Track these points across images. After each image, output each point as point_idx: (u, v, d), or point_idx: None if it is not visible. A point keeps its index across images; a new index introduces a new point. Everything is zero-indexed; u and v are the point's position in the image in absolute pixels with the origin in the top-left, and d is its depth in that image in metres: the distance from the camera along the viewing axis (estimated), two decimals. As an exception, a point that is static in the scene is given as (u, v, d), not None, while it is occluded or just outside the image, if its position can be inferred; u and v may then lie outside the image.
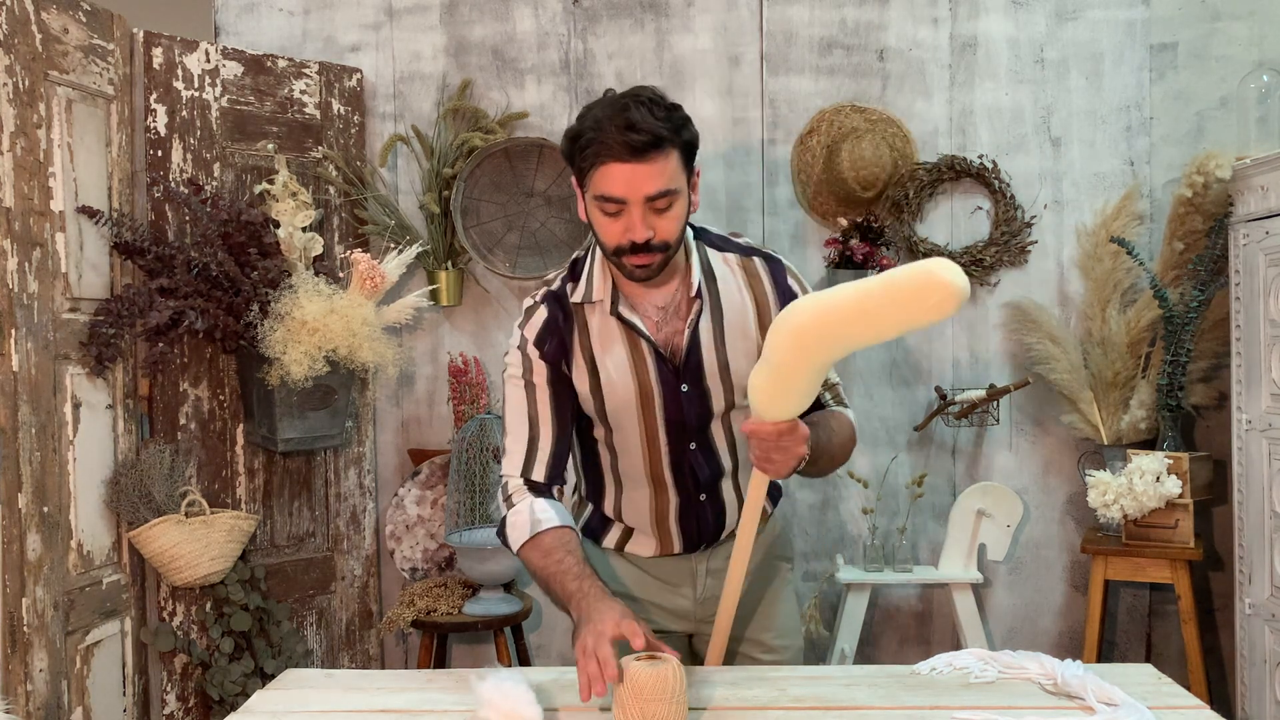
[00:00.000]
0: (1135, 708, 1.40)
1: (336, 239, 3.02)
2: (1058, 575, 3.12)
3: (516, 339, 1.72)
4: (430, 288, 2.98)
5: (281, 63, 2.92)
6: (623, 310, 1.67)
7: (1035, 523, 3.11)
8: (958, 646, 2.81)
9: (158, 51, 2.67)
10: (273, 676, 2.29)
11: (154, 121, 2.67)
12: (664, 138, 1.52)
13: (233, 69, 2.81)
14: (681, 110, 1.59)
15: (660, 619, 1.85)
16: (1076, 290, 3.07)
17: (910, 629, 3.18)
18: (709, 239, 1.76)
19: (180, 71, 2.71)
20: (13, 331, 2.22)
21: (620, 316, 1.67)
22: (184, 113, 2.72)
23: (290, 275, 2.63)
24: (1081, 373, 2.95)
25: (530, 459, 1.72)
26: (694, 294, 1.68)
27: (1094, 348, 2.96)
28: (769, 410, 1.49)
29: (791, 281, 1.74)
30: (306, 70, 2.97)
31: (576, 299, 1.70)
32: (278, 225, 2.67)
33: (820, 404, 1.75)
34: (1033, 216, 3.09)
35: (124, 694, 2.57)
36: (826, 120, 3.08)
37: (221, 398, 2.77)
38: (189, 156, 2.73)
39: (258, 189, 2.77)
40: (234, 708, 1.89)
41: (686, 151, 1.59)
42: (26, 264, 2.26)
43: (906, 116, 3.10)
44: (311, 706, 1.51)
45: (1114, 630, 3.12)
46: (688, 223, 1.66)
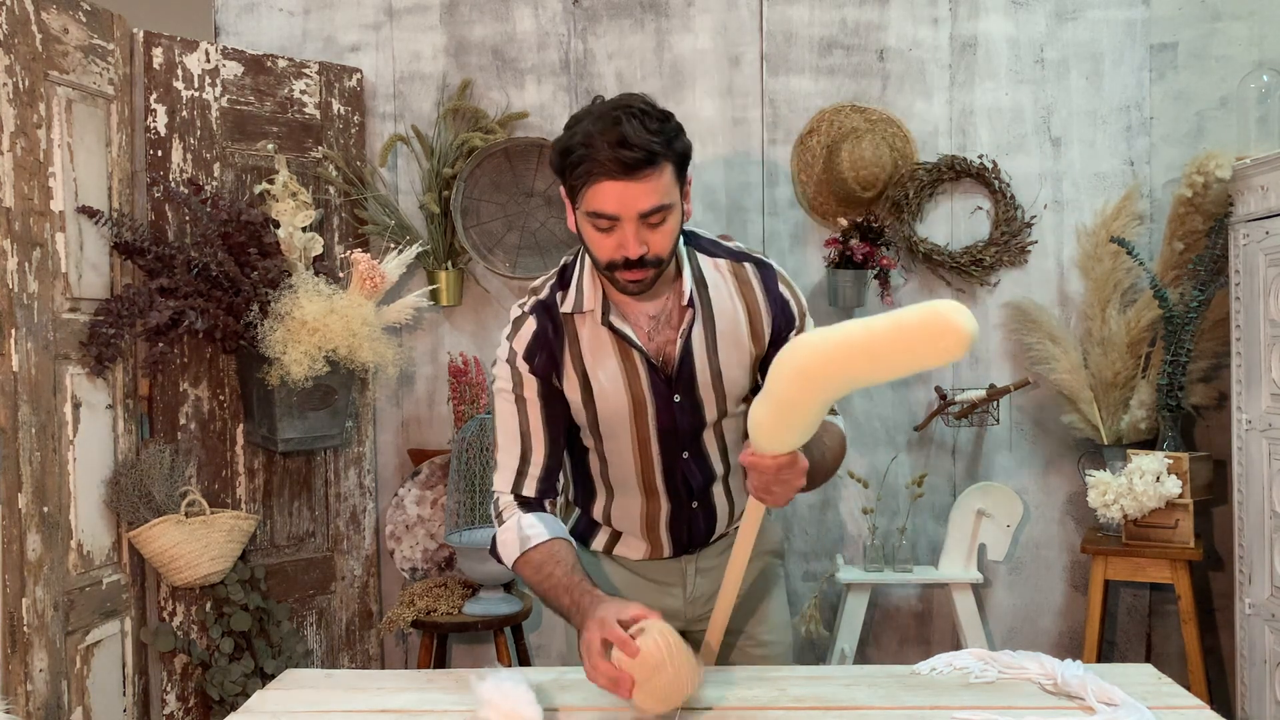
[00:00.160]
0: (1135, 708, 1.40)
1: (336, 239, 3.02)
2: (1058, 575, 3.12)
3: (505, 352, 1.69)
4: (430, 288, 2.98)
5: (281, 63, 2.92)
6: (614, 320, 1.65)
7: (1035, 523, 3.11)
8: (958, 646, 2.81)
9: (158, 51, 2.67)
10: (273, 676, 2.29)
11: (154, 121, 2.67)
12: (657, 153, 1.49)
13: (233, 69, 2.81)
14: (674, 120, 1.55)
15: None
16: (1076, 290, 3.07)
17: (910, 629, 3.18)
18: (700, 244, 1.73)
19: (180, 71, 2.71)
20: (13, 331, 2.22)
21: (612, 326, 1.65)
22: (184, 113, 2.72)
23: (290, 275, 2.63)
24: (1081, 373, 2.95)
25: (521, 475, 1.70)
26: (686, 303, 1.65)
27: (1094, 348, 2.96)
28: (769, 444, 1.46)
29: (783, 288, 1.71)
30: (306, 70, 2.97)
31: (566, 309, 1.67)
32: (278, 225, 2.67)
33: None
34: (1033, 216, 3.09)
35: (124, 694, 2.57)
36: (826, 120, 3.08)
37: (221, 398, 2.77)
38: (189, 156, 2.73)
39: (258, 189, 2.77)
40: (234, 708, 1.89)
41: (680, 163, 1.55)
42: (26, 264, 2.27)
43: (906, 116, 3.10)
44: (311, 706, 1.51)
45: (1114, 630, 3.12)
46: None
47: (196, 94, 2.74)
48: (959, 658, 1.63)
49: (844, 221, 2.98)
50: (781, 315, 1.70)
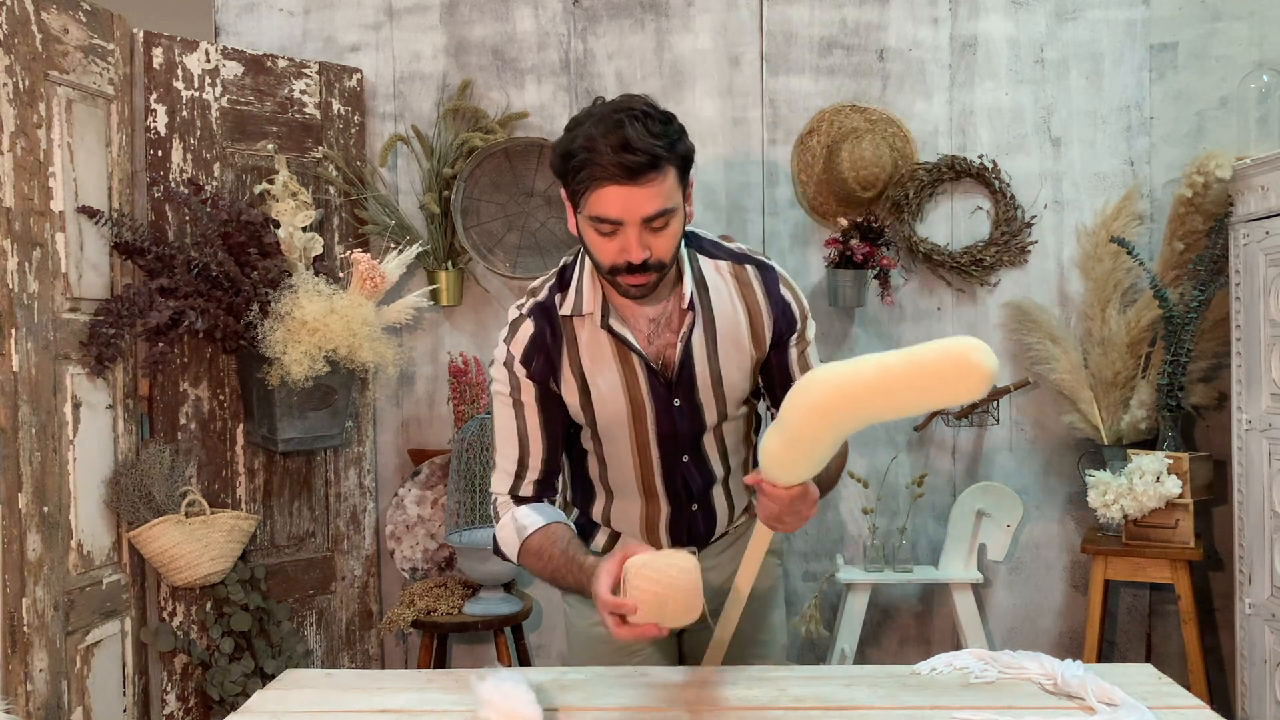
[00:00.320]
0: (1135, 708, 1.40)
1: (336, 239, 3.02)
2: (1058, 575, 3.12)
3: (502, 355, 1.68)
4: (430, 288, 2.98)
5: (281, 63, 2.92)
6: (613, 323, 1.63)
7: (1035, 523, 3.11)
8: (958, 646, 2.80)
9: (158, 51, 2.67)
10: (273, 676, 2.29)
11: (154, 121, 2.67)
12: (661, 156, 1.47)
13: (233, 69, 2.81)
14: (676, 122, 1.53)
15: None
16: (1076, 290, 3.07)
17: (910, 629, 3.18)
18: (701, 246, 1.71)
19: (180, 71, 2.71)
20: (13, 331, 2.22)
21: (611, 329, 1.64)
22: (184, 113, 2.72)
23: (290, 275, 2.63)
24: (1081, 373, 2.95)
25: (519, 479, 1.71)
26: (686, 305, 1.64)
27: (1094, 348, 2.96)
28: (781, 475, 1.44)
29: (784, 290, 1.70)
30: (306, 70, 2.97)
31: (565, 311, 1.65)
32: (278, 225, 2.67)
33: None
34: (1033, 216, 3.09)
35: (124, 694, 2.57)
36: (826, 120, 3.08)
37: (221, 398, 2.77)
38: (189, 156, 2.73)
39: (258, 189, 2.77)
40: (234, 708, 1.88)
41: (683, 166, 1.53)
42: (26, 264, 2.26)
43: (906, 116, 3.10)
44: (311, 706, 1.51)
45: (1114, 630, 3.12)
46: None
47: (196, 94, 2.74)
48: (959, 658, 1.63)
49: (844, 221, 2.98)
50: (783, 318, 1.69)
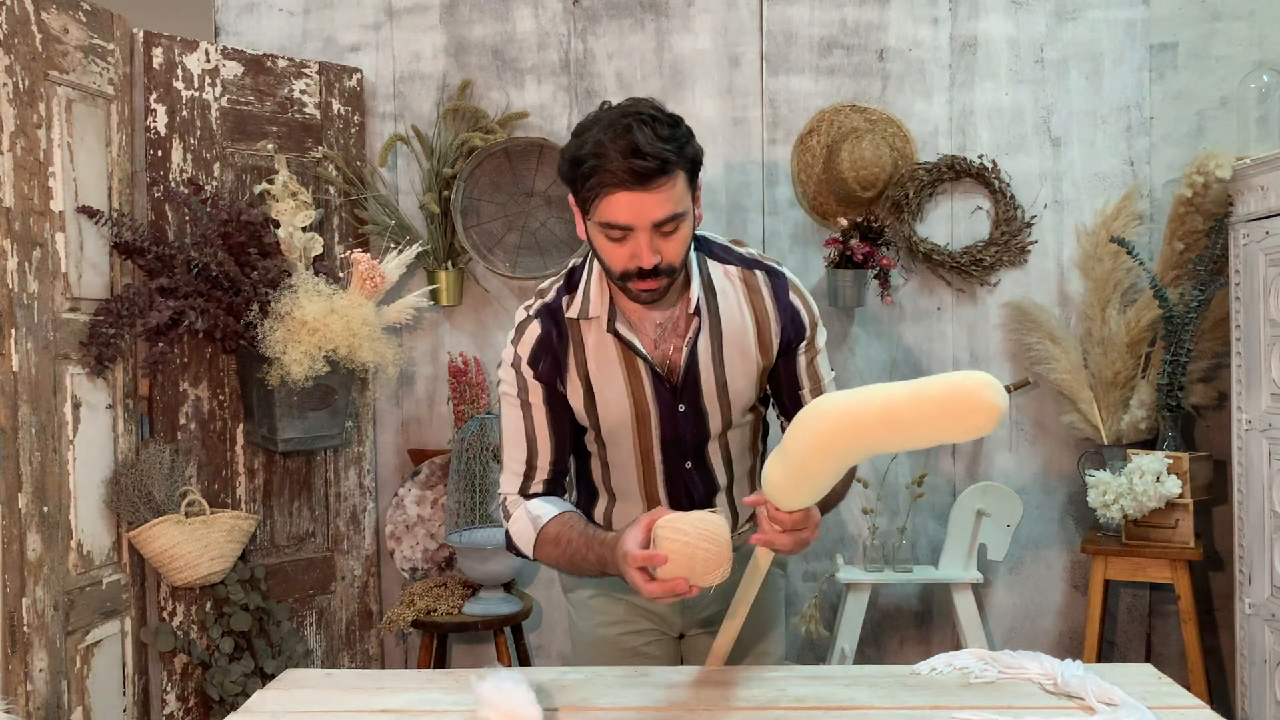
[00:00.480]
0: (1135, 708, 1.40)
1: (336, 239, 3.02)
2: (1058, 575, 3.12)
3: (510, 356, 1.68)
4: (430, 288, 2.98)
5: (281, 63, 2.92)
6: (620, 327, 1.63)
7: (1035, 523, 3.11)
8: (958, 646, 2.81)
9: (158, 51, 2.67)
10: (273, 676, 2.29)
11: (154, 121, 2.67)
12: (670, 161, 1.46)
13: (233, 69, 2.81)
14: (684, 125, 1.53)
15: (649, 622, 1.83)
16: (1076, 290, 3.07)
17: (910, 629, 3.18)
18: (711, 250, 1.70)
19: (180, 71, 2.71)
20: (13, 331, 2.22)
21: (617, 333, 1.63)
22: (184, 113, 2.72)
23: (290, 275, 2.63)
24: (1081, 373, 2.95)
25: (528, 479, 1.71)
26: (693, 310, 1.63)
27: (1094, 348, 2.96)
28: (784, 502, 1.44)
29: (794, 297, 1.68)
30: (306, 70, 2.97)
31: (572, 314, 1.65)
32: (278, 225, 2.67)
33: None
34: (1033, 216, 3.09)
35: (124, 694, 2.57)
36: (826, 120, 3.08)
37: (221, 398, 2.77)
38: (189, 156, 2.73)
39: (258, 189, 2.77)
40: (234, 708, 1.89)
41: (692, 169, 1.53)
42: (26, 264, 2.26)
43: (906, 116, 3.10)
44: (311, 706, 1.51)
45: (1114, 630, 3.12)
46: None
47: (196, 94, 2.74)
48: (959, 658, 1.62)
49: (844, 221, 2.98)
50: (791, 326, 1.67)
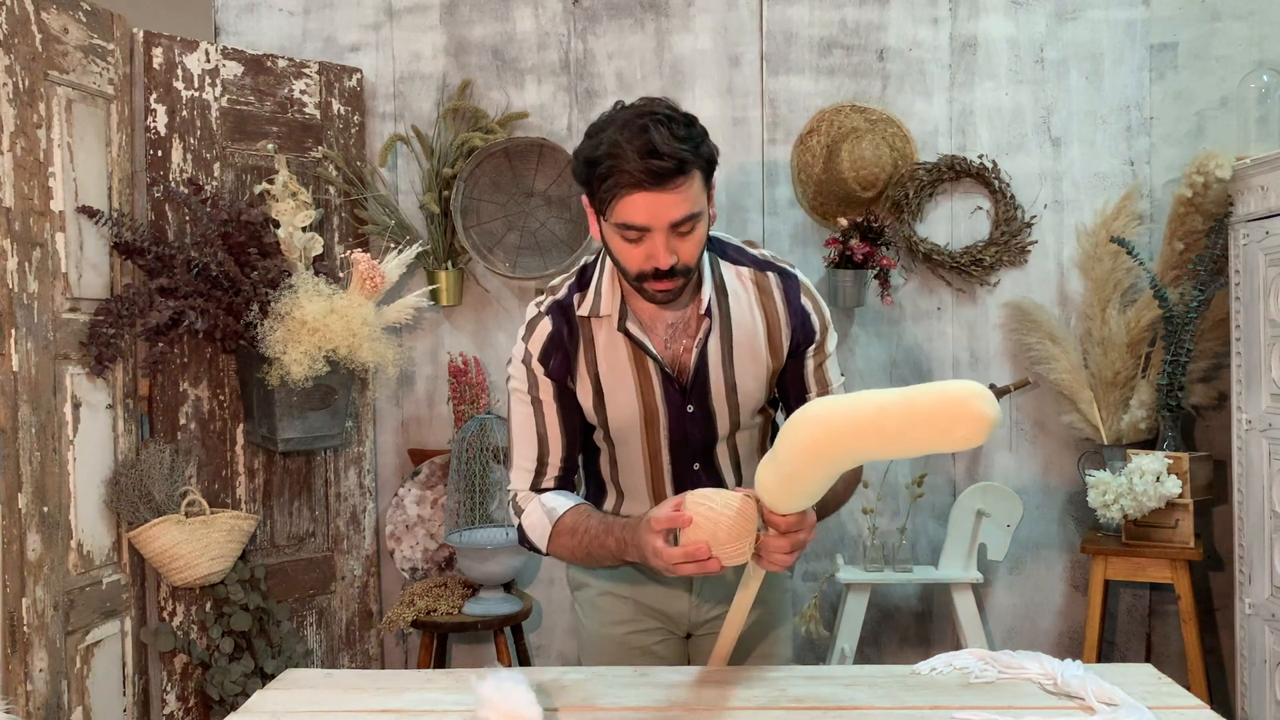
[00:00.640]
0: (1135, 708, 1.40)
1: (336, 239, 3.02)
2: (1058, 575, 3.12)
3: (520, 352, 1.68)
4: (430, 288, 2.98)
5: (281, 63, 2.92)
6: (630, 326, 1.63)
7: (1035, 523, 3.11)
8: (958, 646, 2.80)
9: (158, 51, 2.67)
10: (273, 676, 2.29)
11: (154, 121, 2.67)
12: (687, 161, 1.45)
13: (233, 69, 2.81)
14: (699, 124, 1.52)
15: (657, 621, 1.84)
16: (1076, 290, 3.07)
17: (910, 629, 3.18)
18: (724, 251, 1.69)
19: (180, 71, 2.71)
20: (13, 331, 2.22)
21: (628, 332, 1.63)
22: (184, 113, 2.72)
23: (290, 275, 2.63)
24: (1081, 373, 2.95)
25: (539, 476, 1.71)
26: (704, 311, 1.63)
27: (1094, 348, 2.96)
28: (776, 504, 1.44)
29: (805, 300, 1.68)
30: (306, 70, 2.97)
31: (583, 312, 1.65)
32: (278, 225, 2.67)
33: None
34: (1033, 216, 3.09)
35: (124, 694, 2.57)
36: (826, 120, 3.08)
37: (221, 398, 2.77)
38: (189, 156, 2.73)
39: (258, 189, 2.77)
40: (234, 708, 1.89)
41: (707, 169, 1.52)
42: (26, 264, 2.26)
43: (906, 116, 3.10)
44: (311, 706, 1.51)
45: (1114, 630, 3.12)
46: None
47: (196, 94, 2.74)
48: (959, 658, 1.62)
49: (844, 221, 2.98)
50: (801, 329, 1.67)
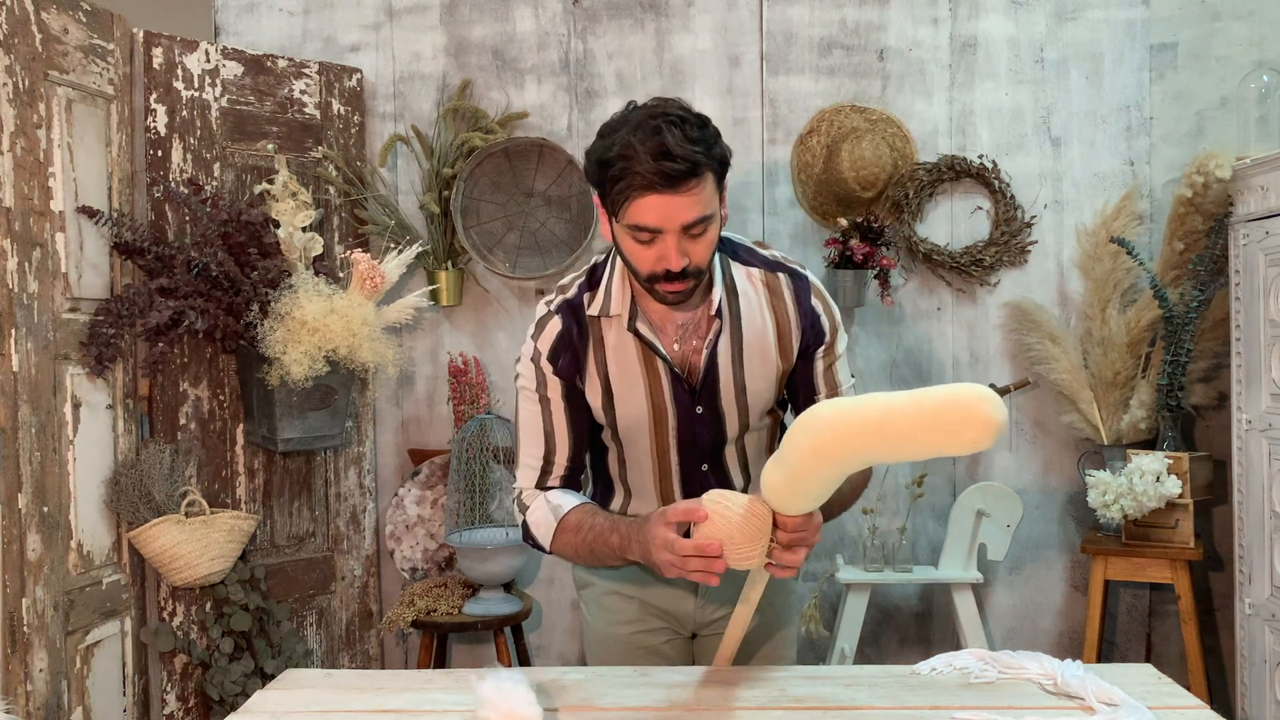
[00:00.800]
0: (1135, 708, 1.40)
1: (336, 239, 3.02)
2: (1058, 575, 3.12)
3: (529, 350, 1.68)
4: (430, 288, 2.98)
5: (281, 63, 2.92)
6: (640, 327, 1.62)
7: (1035, 523, 3.11)
8: (958, 646, 2.80)
9: (158, 51, 2.67)
10: (273, 676, 2.29)
11: (154, 121, 2.67)
12: (700, 162, 1.45)
13: (233, 69, 2.81)
14: (711, 125, 1.52)
15: (662, 621, 1.84)
16: (1076, 290, 3.07)
17: (910, 629, 3.18)
18: (735, 252, 1.69)
19: (180, 71, 2.71)
20: (13, 331, 2.22)
21: (638, 333, 1.63)
22: (184, 113, 2.72)
23: (290, 275, 2.63)
24: (1081, 373, 2.95)
25: (545, 475, 1.71)
26: (714, 312, 1.62)
27: (1094, 348, 2.96)
28: (783, 505, 1.43)
29: (815, 301, 1.67)
30: (306, 70, 2.97)
31: (593, 311, 1.65)
32: (278, 225, 2.67)
33: None
34: (1033, 216, 3.09)
35: (124, 694, 2.57)
36: (826, 120, 3.08)
37: (221, 398, 2.77)
38: (189, 156, 2.73)
39: (258, 189, 2.77)
40: (234, 708, 1.89)
41: (720, 171, 1.52)
42: (26, 264, 2.26)
43: (906, 116, 3.10)
44: (311, 706, 1.51)
45: (1114, 630, 3.12)
46: None
47: (196, 94, 2.74)
48: (959, 658, 1.62)
49: (844, 221, 2.98)
50: (811, 330, 1.67)
